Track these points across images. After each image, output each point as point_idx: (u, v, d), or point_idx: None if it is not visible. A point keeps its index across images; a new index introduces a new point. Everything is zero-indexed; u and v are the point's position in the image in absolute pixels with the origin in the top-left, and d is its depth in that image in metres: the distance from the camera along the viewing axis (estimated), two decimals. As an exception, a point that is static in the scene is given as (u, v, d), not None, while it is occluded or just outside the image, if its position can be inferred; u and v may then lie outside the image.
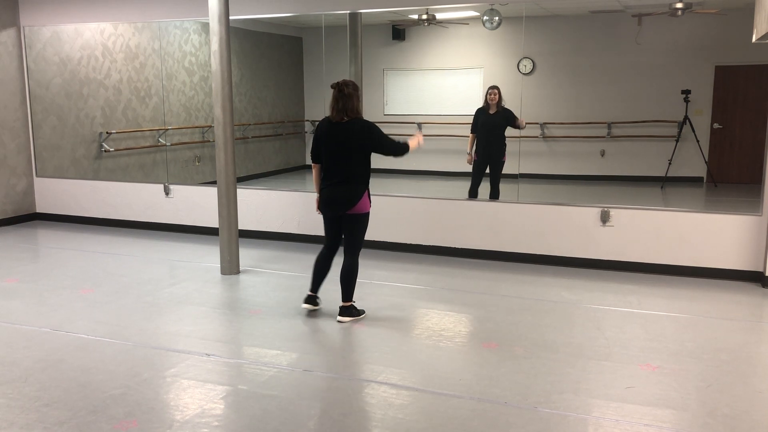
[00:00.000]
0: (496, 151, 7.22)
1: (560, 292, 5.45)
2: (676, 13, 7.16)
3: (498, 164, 7.19)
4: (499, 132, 7.19)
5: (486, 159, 7.21)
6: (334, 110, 4.54)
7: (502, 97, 7.14)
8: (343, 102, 4.50)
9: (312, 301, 4.91)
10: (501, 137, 7.22)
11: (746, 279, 5.73)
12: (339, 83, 4.54)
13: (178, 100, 8.52)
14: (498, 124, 7.13)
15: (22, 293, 5.46)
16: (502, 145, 7.24)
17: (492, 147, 7.22)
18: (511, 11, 7.26)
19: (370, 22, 8.74)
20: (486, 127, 7.19)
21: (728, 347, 4.26)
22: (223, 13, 5.76)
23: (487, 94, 7.14)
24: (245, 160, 9.62)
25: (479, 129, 7.25)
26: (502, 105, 7.14)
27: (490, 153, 7.21)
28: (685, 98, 8.87)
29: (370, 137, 4.56)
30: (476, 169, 7.25)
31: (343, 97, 4.50)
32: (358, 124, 4.55)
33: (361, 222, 4.67)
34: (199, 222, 7.70)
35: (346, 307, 4.76)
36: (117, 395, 3.58)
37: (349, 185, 4.59)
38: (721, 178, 9.14)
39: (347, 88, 4.52)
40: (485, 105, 7.17)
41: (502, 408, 3.44)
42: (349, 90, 4.52)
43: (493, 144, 7.22)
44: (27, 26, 8.28)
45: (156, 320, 4.79)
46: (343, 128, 4.55)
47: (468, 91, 7.33)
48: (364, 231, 4.72)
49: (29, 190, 8.57)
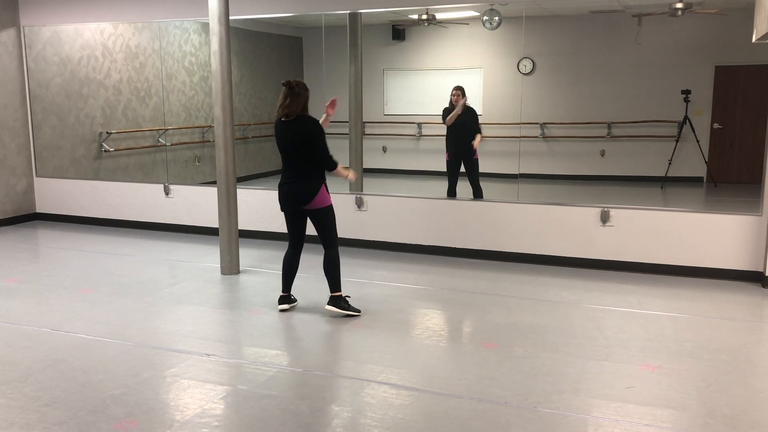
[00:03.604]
0: (466, 149, 7.27)
1: (560, 291, 5.45)
2: (676, 13, 7.16)
3: (471, 162, 7.26)
4: (466, 130, 7.28)
5: (457, 157, 7.29)
6: (281, 107, 4.63)
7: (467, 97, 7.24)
8: (290, 99, 4.59)
9: (287, 300, 5.00)
10: (470, 135, 7.29)
11: (746, 279, 5.73)
12: (290, 81, 4.63)
13: (178, 100, 8.52)
14: (464, 122, 7.23)
15: (22, 293, 5.46)
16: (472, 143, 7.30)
17: (461, 145, 7.30)
18: (511, 11, 7.26)
19: (370, 22, 8.74)
20: (455, 126, 7.29)
21: (728, 347, 4.26)
22: (223, 13, 5.76)
23: (451, 95, 7.24)
24: (245, 160, 9.62)
25: (450, 128, 7.33)
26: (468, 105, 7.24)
27: (459, 151, 7.29)
28: (685, 98, 8.87)
29: (310, 138, 4.63)
30: (450, 169, 7.34)
31: (293, 95, 4.59)
32: (305, 123, 4.63)
33: (326, 215, 4.75)
34: (199, 222, 7.70)
35: (335, 296, 4.84)
36: (117, 395, 3.58)
37: (304, 181, 4.68)
38: (721, 178, 9.14)
39: (297, 87, 4.61)
40: (450, 105, 7.27)
41: (502, 408, 3.44)
42: (299, 89, 4.61)
43: (462, 142, 7.30)
44: (27, 26, 8.28)
45: (156, 320, 4.79)
46: (290, 125, 4.65)
47: (468, 91, 7.34)
48: (333, 222, 4.80)
49: (29, 190, 8.57)
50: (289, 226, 4.89)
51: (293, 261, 4.95)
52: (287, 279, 4.99)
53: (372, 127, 9.98)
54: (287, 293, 5.01)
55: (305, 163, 4.67)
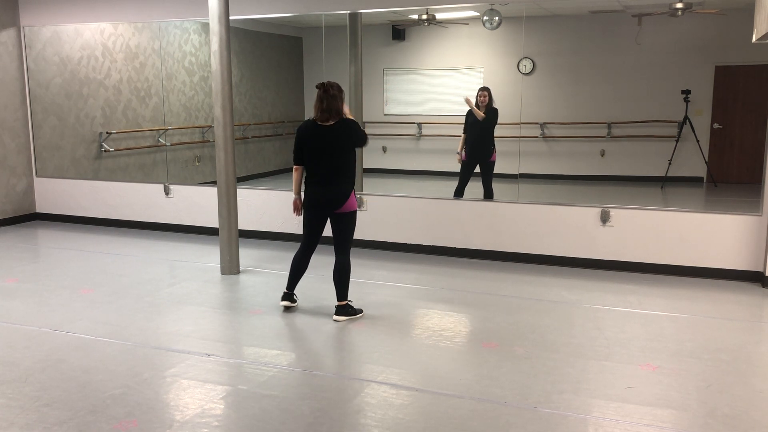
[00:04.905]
0: (483, 151, 7.28)
1: (560, 292, 5.45)
2: (676, 13, 7.16)
3: (487, 165, 7.25)
4: (485, 132, 7.28)
5: (473, 159, 7.29)
6: (319, 110, 4.57)
7: (493, 99, 7.24)
8: (328, 102, 4.53)
9: (290, 298, 4.98)
10: (487, 137, 7.31)
11: (746, 279, 5.73)
12: (324, 84, 4.57)
13: (178, 100, 8.52)
14: (485, 125, 7.23)
15: (22, 293, 5.46)
16: (489, 145, 7.31)
17: (478, 147, 7.30)
18: (511, 11, 7.26)
19: (370, 22, 8.74)
20: (473, 128, 7.31)
21: (728, 347, 4.26)
22: (223, 13, 5.76)
23: (477, 96, 7.25)
24: (245, 160, 9.62)
25: (468, 129, 7.37)
26: (492, 106, 7.24)
27: (476, 153, 7.29)
28: (685, 98, 8.87)
29: (355, 134, 4.63)
30: (464, 169, 7.34)
31: (329, 98, 4.53)
32: (345, 125, 4.61)
33: (350, 220, 4.73)
34: (199, 222, 7.70)
35: (341, 306, 4.79)
36: (117, 395, 3.58)
37: (338, 185, 4.64)
38: (721, 178, 9.14)
39: (332, 89, 4.55)
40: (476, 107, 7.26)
41: (502, 408, 3.44)
42: (335, 91, 4.56)
43: (479, 144, 7.30)
44: (27, 26, 8.28)
45: (156, 320, 4.79)
46: (330, 129, 4.58)
47: (468, 91, 7.35)
48: (353, 229, 4.79)
49: (29, 190, 8.57)
50: (310, 228, 4.82)
51: (303, 261, 4.91)
52: (294, 278, 4.95)
53: (372, 127, 9.97)
54: (291, 291, 4.99)
55: (342, 167, 4.62)
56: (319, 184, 4.66)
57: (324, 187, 4.65)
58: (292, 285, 4.98)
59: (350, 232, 4.76)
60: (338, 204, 4.64)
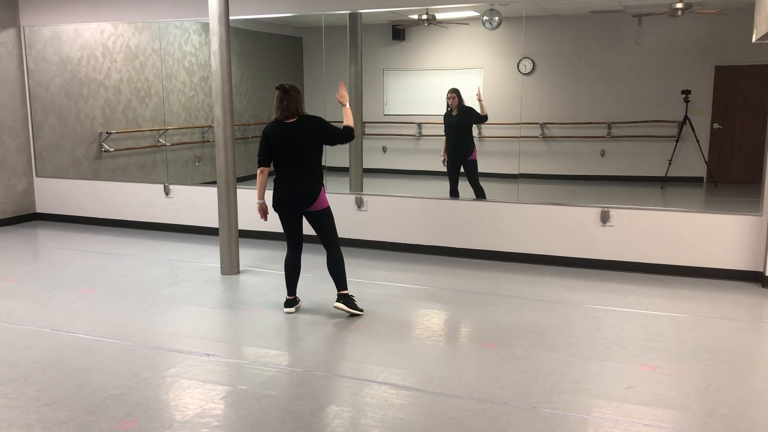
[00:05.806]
0: (463, 150, 7.33)
1: (560, 292, 5.45)
2: (676, 13, 7.16)
3: (468, 164, 7.29)
4: (462, 132, 7.35)
5: (455, 160, 7.34)
6: (280, 109, 4.70)
7: (462, 99, 7.29)
8: (288, 102, 4.69)
9: (293, 304, 5.01)
10: (465, 137, 7.37)
11: (746, 279, 5.73)
12: (284, 85, 4.73)
13: (178, 100, 8.52)
14: (460, 125, 7.31)
15: (22, 293, 5.46)
16: (468, 144, 7.36)
17: (458, 147, 7.36)
18: (511, 11, 7.26)
19: (370, 22, 8.74)
20: (450, 129, 7.38)
21: (728, 347, 4.26)
22: (223, 13, 5.76)
23: (447, 98, 7.31)
24: (245, 160, 9.61)
25: (446, 131, 7.44)
26: (463, 105, 7.29)
27: (456, 153, 7.35)
28: (685, 98, 8.87)
29: (322, 129, 4.71)
30: (449, 171, 7.40)
31: (289, 98, 4.69)
32: (309, 121, 4.72)
33: (327, 216, 4.81)
34: (199, 222, 7.70)
35: (343, 294, 4.85)
36: (117, 395, 3.58)
37: (308, 182, 4.71)
38: (721, 178, 9.14)
39: (291, 90, 4.72)
40: (449, 108, 7.32)
41: (502, 408, 3.44)
42: (293, 92, 4.72)
43: (458, 144, 7.37)
44: (27, 26, 8.28)
45: (156, 320, 4.79)
46: (295, 125, 4.69)
47: (468, 91, 7.35)
48: (333, 223, 4.85)
49: (29, 190, 8.57)
50: (288, 229, 4.87)
51: (295, 264, 4.94)
52: (291, 282, 4.97)
53: (372, 127, 9.98)
54: (293, 296, 5.01)
55: (312, 163, 4.71)
56: (288, 182, 4.73)
57: (292, 185, 4.72)
58: (292, 290, 4.99)
59: (331, 227, 4.83)
60: (309, 201, 4.70)
